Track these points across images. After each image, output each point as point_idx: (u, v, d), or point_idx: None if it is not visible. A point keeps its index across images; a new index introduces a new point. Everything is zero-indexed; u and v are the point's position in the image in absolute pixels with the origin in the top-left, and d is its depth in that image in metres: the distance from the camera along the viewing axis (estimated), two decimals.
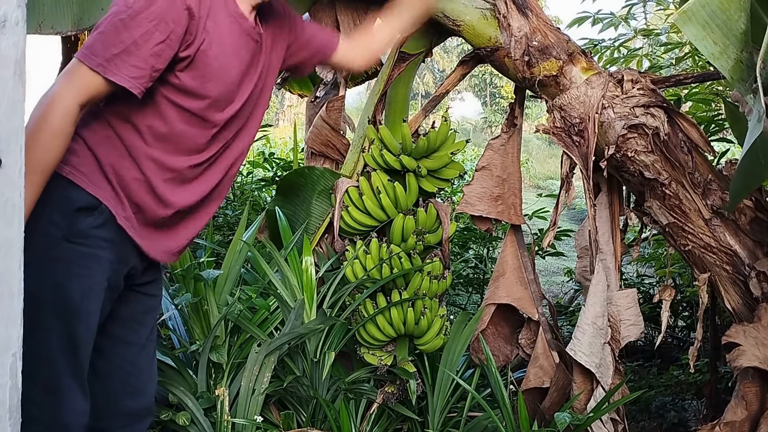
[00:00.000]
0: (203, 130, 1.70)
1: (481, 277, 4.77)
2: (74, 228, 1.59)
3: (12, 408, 1.00)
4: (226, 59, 1.67)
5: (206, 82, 1.65)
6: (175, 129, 1.66)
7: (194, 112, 1.66)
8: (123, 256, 1.68)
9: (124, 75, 1.51)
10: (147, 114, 1.63)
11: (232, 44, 1.69)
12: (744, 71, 1.77)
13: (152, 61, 1.53)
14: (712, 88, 3.86)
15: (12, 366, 1.00)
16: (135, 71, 1.52)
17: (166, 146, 1.66)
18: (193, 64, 1.62)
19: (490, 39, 2.58)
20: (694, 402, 3.67)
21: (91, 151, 1.62)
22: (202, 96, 1.66)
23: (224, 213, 4.24)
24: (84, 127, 1.62)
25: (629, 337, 2.59)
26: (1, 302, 0.97)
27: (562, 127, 2.56)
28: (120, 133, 1.63)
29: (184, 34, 1.57)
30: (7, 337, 0.99)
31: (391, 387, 2.65)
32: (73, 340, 1.61)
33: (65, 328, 1.59)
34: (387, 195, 2.66)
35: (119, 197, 1.64)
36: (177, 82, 1.62)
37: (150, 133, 1.64)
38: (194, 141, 1.70)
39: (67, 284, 1.58)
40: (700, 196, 2.43)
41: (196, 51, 1.60)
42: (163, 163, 1.67)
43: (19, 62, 0.99)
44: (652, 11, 5.45)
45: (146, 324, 1.87)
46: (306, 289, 2.51)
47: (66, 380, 1.62)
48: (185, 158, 1.70)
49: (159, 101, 1.63)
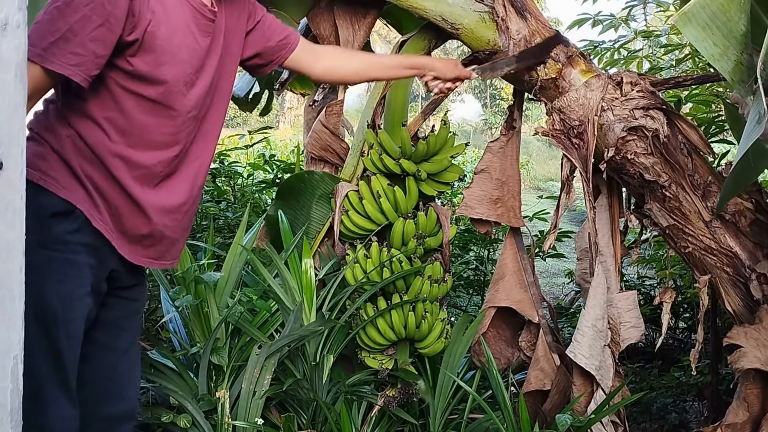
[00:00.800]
0: (166, 119, 1.64)
1: (482, 279, 4.77)
2: (49, 234, 1.56)
3: (13, 411, 1.00)
4: (177, 40, 1.61)
5: (159, 65, 1.59)
6: (136, 120, 1.61)
7: (152, 98, 1.61)
8: (102, 260, 1.65)
9: (63, 63, 1.46)
10: (105, 106, 1.58)
11: (183, 24, 1.63)
12: (744, 73, 1.77)
13: (92, 47, 1.48)
14: (713, 90, 3.86)
15: (13, 369, 1.00)
16: (74, 58, 1.47)
17: (130, 140, 1.61)
18: (142, 48, 1.56)
19: (489, 42, 2.59)
20: (695, 404, 3.66)
21: (58, 154, 1.58)
22: (156, 81, 1.60)
23: (225, 215, 4.24)
24: (46, 129, 1.59)
25: (630, 340, 2.59)
26: (2, 305, 0.97)
27: (562, 130, 2.56)
28: (81, 131, 1.58)
29: (126, 16, 1.50)
30: (8, 340, 0.99)
31: (392, 390, 2.65)
32: (56, 348, 1.58)
33: (47, 336, 1.56)
34: (387, 199, 2.66)
35: (93, 200, 1.60)
36: (129, 68, 1.57)
37: (111, 127, 1.59)
38: (158, 132, 1.64)
39: (45, 292, 1.55)
40: (700, 198, 2.43)
41: (143, 33, 1.54)
42: (129, 159, 1.62)
43: (20, 65, 1.00)
44: (652, 13, 5.46)
45: (128, 329, 1.84)
46: (306, 291, 2.51)
47: (50, 388, 1.59)
48: (153, 153, 1.65)
49: (114, 91, 1.58)
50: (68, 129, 1.58)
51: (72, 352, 1.62)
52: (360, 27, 2.91)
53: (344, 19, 2.91)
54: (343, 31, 2.90)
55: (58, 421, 1.61)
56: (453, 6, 2.60)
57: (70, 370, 1.63)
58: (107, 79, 1.57)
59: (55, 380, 1.60)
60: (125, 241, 1.67)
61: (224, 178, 4.46)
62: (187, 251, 2.51)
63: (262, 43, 1.94)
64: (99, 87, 1.56)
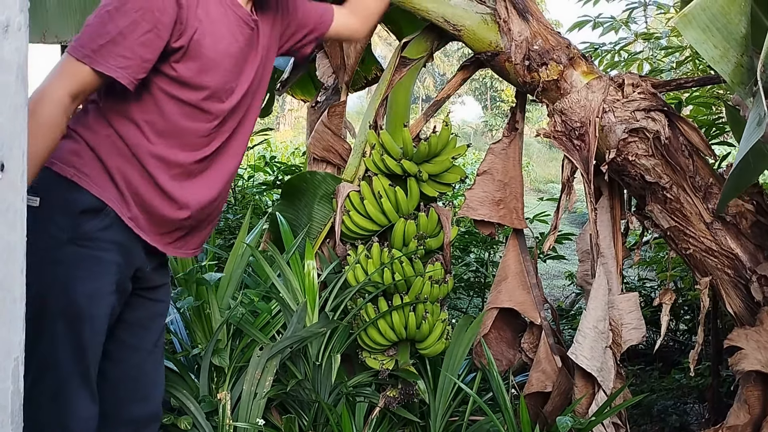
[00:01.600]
0: (204, 123, 1.69)
1: (483, 281, 4.77)
2: (79, 230, 1.58)
3: (14, 413, 1.00)
4: (222, 48, 1.65)
5: (203, 73, 1.63)
6: (175, 123, 1.64)
7: (193, 104, 1.65)
8: (130, 258, 1.67)
9: (111, 65, 1.50)
10: (145, 109, 1.62)
11: (228, 33, 1.67)
12: (744, 75, 1.77)
13: (140, 51, 1.52)
14: (713, 92, 3.86)
15: (14, 370, 1.00)
16: (122, 61, 1.51)
17: (168, 141, 1.65)
18: (187, 55, 1.60)
19: (491, 44, 2.59)
20: (696, 406, 3.66)
21: (94, 152, 1.61)
22: (199, 87, 1.64)
23: (225, 217, 4.24)
24: (84, 128, 1.62)
25: (631, 341, 2.58)
26: (3, 307, 0.97)
27: (563, 131, 2.56)
28: (120, 131, 1.62)
29: (174, 24, 1.55)
30: (9, 342, 0.99)
31: (393, 391, 2.65)
32: (80, 344, 1.60)
33: (71, 332, 1.59)
34: (388, 199, 2.66)
35: (124, 198, 1.63)
36: (174, 74, 1.61)
37: (150, 129, 1.63)
38: (196, 134, 1.69)
39: (72, 288, 1.58)
40: (701, 199, 2.43)
41: (189, 41, 1.59)
42: (167, 159, 1.66)
43: (21, 67, 1.00)
44: (653, 15, 5.46)
45: (152, 329, 1.86)
46: (308, 292, 2.51)
47: (73, 385, 1.61)
48: (189, 153, 1.69)
49: (156, 95, 1.62)
50: (108, 129, 1.62)
51: (95, 347, 1.64)
52: None
53: None
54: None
55: (79, 422, 1.63)
56: (455, 8, 2.60)
57: (92, 366, 1.65)
58: (151, 84, 1.60)
59: (77, 375, 1.62)
60: (155, 234, 1.70)
61: None
62: None
63: (300, 34, 1.99)
64: (142, 91, 1.60)
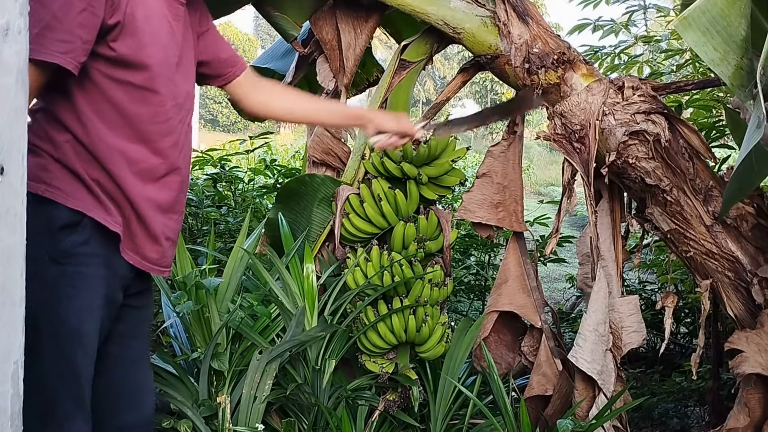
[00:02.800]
0: (156, 107, 1.61)
1: (483, 284, 4.77)
2: (59, 248, 1.52)
3: (13, 416, 1.00)
4: (155, 22, 1.58)
5: (142, 48, 1.55)
6: (127, 110, 1.56)
7: (139, 84, 1.57)
8: (113, 268, 1.62)
9: (53, 51, 1.41)
10: (92, 100, 1.54)
11: (157, 7, 1.60)
12: (744, 77, 1.77)
13: (78, 32, 1.43)
14: (713, 95, 3.87)
15: (14, 374, 0.99)
16: (62, 46, 1.41)
17: (124, 133, 1.57)
18: (124, 31, 1.52)
19: (491, 46, 2.59)
20: (696, 409, 3.65)
21: (60, 163, 1.53)
22: (142, 65, 1.56)
23: (225, 220, 4.23)
24: (42, 139, 1.54)
25: (631, 344, 2.58)
26: (3, 310, 0.97)
27: (563, 134, 2.56)
28: (76, 132, 1.54)
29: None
30: (9, 345, 0.99)
31: (393, 394, 2.65)
32: (73, 365, 1.56)
33: (64, 352, 1.54)
34: (388, 202, 2.66)
35: (102, 203, 1.56)
36: (113, 54, 1.52)
37: (103, 122, 1.55)
38: (151, 121, 1.61)
39: (60, 307, 1.53)
40: (701, 202, 2.43)
41: (123, 15, 1.51)
42: (127, 154, 1.58)
43: (21, 70, 1.00)
44: (653, 18, 5.47)
45: (139, 337, 1.83)
46: (307, 296, 2.51)
47: (64, 406, 1.56)
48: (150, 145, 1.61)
49: (100, 82, 1.54)
50: (64, 134, 1.54)
51: (88, 368, 1.60)
52: (362, 31, 2.92)
53: (346, 23, 2.92)
54: (345, 35, 2.90)
55: None
56: (455, 10, 2.60)
57: (86, 387, 1.61)
58: (91, 71, 1.52)
59: (69, 397, 1.57)
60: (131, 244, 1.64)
61: (225, 183, 4.46)
62: (188, 256, 2.51)
63: (213, 53, 1.89)
64: (84, 80, 1.52)
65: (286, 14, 2.91)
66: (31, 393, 1.47)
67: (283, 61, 3.48)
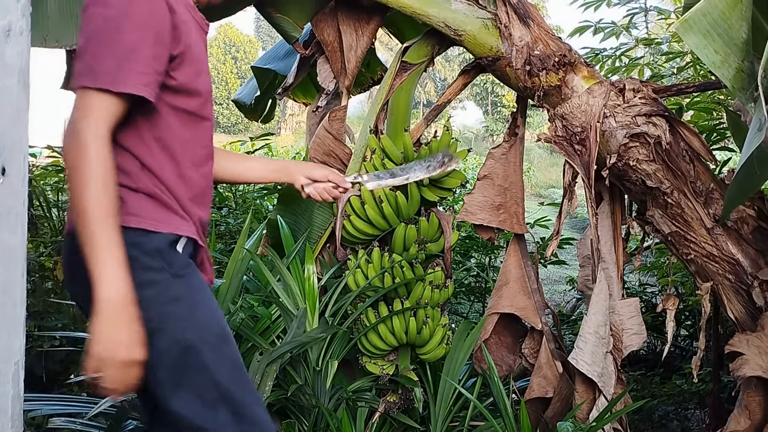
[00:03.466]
0: (203, 131, 1.64)
1: (483, 286, 4.77)
2: (176, 262, 1.54)
3: (14, 416, 1.00)
4: (199, 49, 1.62)
5: (197, 76, 1.58)
6: (180, 136, 1.58)
7: (191, 110, 1.59)
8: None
9: (135, 83, 1.42)
10: (155, 127, 1.55)
11: (197, 34, 1.64)
12: (745, 80, 1.77)
13: (153, 65, 1.45)
14: (714, 97, 3.87)
15: (14, 375, 0.99)
16: (143, 78, 1.43)
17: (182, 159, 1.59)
18: (184, 60, 1.54)
19: (492, 48, 2.59)
20: (697, 411, 3.65)
21: (141, 193, 1.54)
22: (196, 92, 1.59)
23: (226, 221, 4.24)
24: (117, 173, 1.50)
25: (632, 347, 2.58)
26: (4, 311, 0.97)
27: (564, 136, 2.56)
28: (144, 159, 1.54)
29: (171, 30, 1.49)
30: (10, 346, 0.99)
31: (393, 396, 2.64)
32: (237, 362, 1.61)
33: (226, 356, 1.58)
34: (389, 204, 2.66)
35: (184, 218, 1.58)
36: (174, 83, 1.54)
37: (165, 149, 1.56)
38: (200, 145, 1.64)
39: (200, 315, 1.56)
40: (702, 205, 2.43)
41: (184, 46, 1.53)
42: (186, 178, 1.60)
43: (23, 71, 1.00)
44: (654, 20, 5.47)
45: None
46: (308, 297, 2.51)
47: (256, 407, 1.61)
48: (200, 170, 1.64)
49: (161, 109, 1.55)
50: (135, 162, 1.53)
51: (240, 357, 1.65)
52: (363, 33, 2.93)
53: (348, 25, 2.92)
54: (346, 37, 2.91)
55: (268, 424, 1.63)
56: (456, 12, 2.60)
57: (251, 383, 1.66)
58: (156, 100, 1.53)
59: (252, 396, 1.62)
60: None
61: (225, 185, 4.47)
62: None
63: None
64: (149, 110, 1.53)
65: (287, 16, 2.91)
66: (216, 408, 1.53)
67: (285, 63, 3.48)
